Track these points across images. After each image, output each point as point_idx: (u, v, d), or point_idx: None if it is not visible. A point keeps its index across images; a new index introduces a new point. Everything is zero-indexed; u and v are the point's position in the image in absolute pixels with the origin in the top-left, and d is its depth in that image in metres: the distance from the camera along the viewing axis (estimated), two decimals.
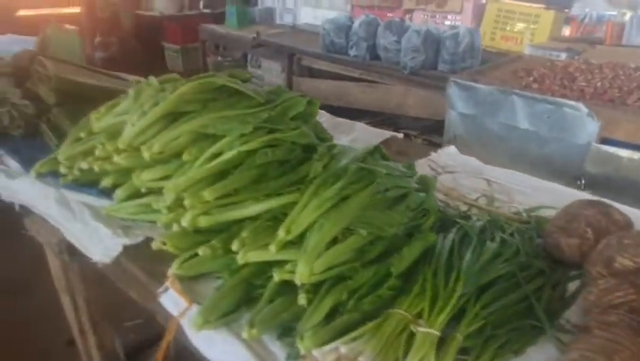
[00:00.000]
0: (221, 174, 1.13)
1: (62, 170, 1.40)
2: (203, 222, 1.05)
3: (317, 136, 1.27)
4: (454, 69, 3.60)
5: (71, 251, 1.43)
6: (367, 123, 2.18)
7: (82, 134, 1.42)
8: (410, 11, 4.85)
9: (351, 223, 0.99)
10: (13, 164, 1.67)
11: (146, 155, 1.17)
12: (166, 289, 1.01)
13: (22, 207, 1.46)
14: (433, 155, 1.74)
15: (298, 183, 1.13)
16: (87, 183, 1.40)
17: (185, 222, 1.05)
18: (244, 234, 0.99)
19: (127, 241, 1.15)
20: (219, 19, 5.80)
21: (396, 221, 1.03)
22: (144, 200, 1.26)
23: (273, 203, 1.08)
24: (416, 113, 4.00)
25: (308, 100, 1.29)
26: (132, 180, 1.27)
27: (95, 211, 1.29)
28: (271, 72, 5.16)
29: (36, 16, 4.20)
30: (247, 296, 0.98)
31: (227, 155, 1.16)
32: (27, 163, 1.65)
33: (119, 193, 1.30)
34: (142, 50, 5.24)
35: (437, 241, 1.08)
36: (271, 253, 0.97)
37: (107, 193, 1.33)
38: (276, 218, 1.05)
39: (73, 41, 2.70)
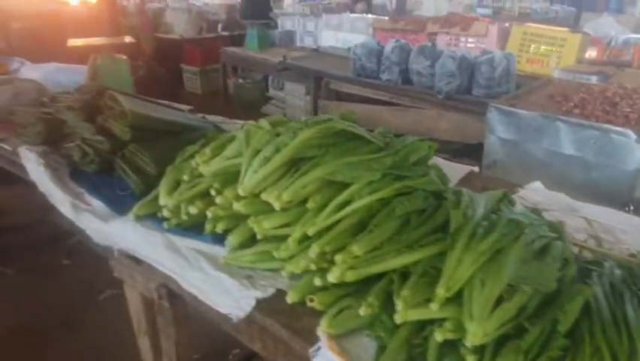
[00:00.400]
0: (357, 225, 1.10)
1: (166, 213, 1.37)
2: (351, 276, 1.02)
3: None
4: (490, 94, 3.60)
5: (173, 296, 1.40)
6: None
7: (185, 177, 1.38)
8: (434, 34, 4.86)
9: (512, 279, 0.97)
10: (95, 202, 1.62)
11: (276, 205, 1.14)
12: (318, 349, 0.97)
13: (120, 251, 1.42)
14: (521, 191, 1.71)
15: (435, 232, 1.11)
16: (190, 227, 1.36)
17: (333, 277, 1.02)
18: (405, 292, 0.95)
19: (259, 295, 1.11)
20: (238, 41, 5.82)
21: (551, 274, 1.01)
22: (262, 247, 1.22)
23: (417, 255, 1.05)
24: (449, 137, 4.00)
25: (429, 145, 1.27)
26: (245, 225, 1.24)
27: (210, 258, 1.25)
28: (294, 95, 5.16)
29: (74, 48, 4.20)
30: (408, 357, 0.95)
31: (358, 203, 1.13)
32: (110, 202, 1.61)
33: (232, 239, 1.26)
34: (164, 73, 5.23)
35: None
36: (432, 311, 0.94)
37: (219, 239, 1.29)
38: (426, 272, 1.02)
39: (123, 70, 2.68)
